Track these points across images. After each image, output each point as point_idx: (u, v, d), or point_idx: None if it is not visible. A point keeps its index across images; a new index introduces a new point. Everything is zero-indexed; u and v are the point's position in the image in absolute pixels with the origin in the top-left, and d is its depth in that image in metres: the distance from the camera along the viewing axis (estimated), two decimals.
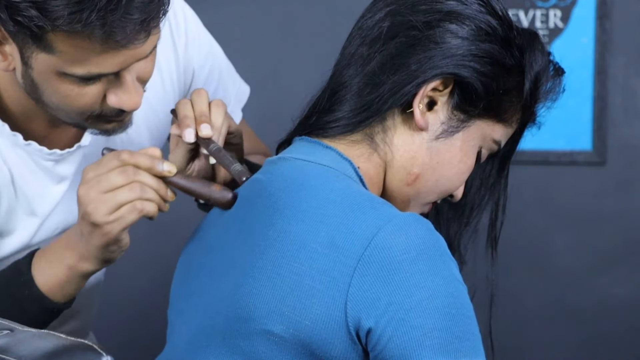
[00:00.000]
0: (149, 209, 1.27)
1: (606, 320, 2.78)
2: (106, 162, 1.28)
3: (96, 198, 1.26)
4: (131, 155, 1.27)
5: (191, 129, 1.33)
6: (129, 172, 1.26)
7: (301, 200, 1.20)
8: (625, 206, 2.77)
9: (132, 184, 1.26)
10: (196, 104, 1.35)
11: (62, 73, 1.25)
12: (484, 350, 1.16)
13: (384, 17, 1.28)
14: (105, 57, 1.24)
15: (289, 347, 1.15)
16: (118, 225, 1.26)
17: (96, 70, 1.25)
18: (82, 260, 1.32)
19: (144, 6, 1.21)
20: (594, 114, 2.75)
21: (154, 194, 1.27)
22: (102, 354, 1.04)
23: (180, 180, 1.29)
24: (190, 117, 1.34)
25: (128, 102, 1.30)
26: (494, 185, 1.39)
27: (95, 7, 1.18)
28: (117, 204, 1.26)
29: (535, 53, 1.30)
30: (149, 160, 1.27)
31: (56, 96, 1.29)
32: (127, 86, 1.29)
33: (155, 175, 1.28)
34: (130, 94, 1.29)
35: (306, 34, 2.79)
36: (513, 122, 1.32)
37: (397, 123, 1.28)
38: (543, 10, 2.78)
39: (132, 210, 1.26)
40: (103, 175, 1.27)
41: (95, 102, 1.29)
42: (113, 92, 1.29)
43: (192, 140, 1.33)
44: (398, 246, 1.14)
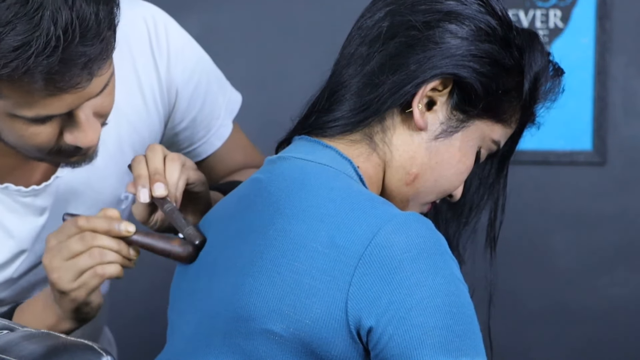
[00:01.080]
0: (110, 271, 1.29)
1: (606, 320, 2.78)
2: (65, 229, 1.30)
3: (59, 266, 1.28)
4: (88, 221, 1.29)
5: (145, 189, 1.33)
6: (87, 238, 1.28)
7: (301, 200, 1.20)
8: (625, 206, 2.77)
9: (92, 250, 1.28)
10: (150, 161, 1.35)
11: (13, 115, 1.23)
12: (484, 349, 1.16)
13: (383, 17, 1.28)
14: (51, 100, 1.21)
15: (290, 346, 1.15)
16: (83, 291, 1.29)
17: (44, 112, 1.22)
18: (60, 322, 1.34)
19: (85, 50, 1.17)
20: (594, 114, 2.75)
21: (115, 256, 1.29)
22: (102, 354, 1.04)
23: (140, 238, 1.31)
24: (144, 176, 1.34)
25: (83, 140, 1.28)
26: (493, 185, 1.40)
27: (33, 54, 1.13)
28: (78, 271, 1.28)
29: (535, 53, 1.30)
30: (106, 223, 1.29)
31: (12, 136, 1.27)
32: (80, 124, 1.27)
33: (114, 236, 1.29)
34: (85, 132, 1.27)
35: (306, 34, 2.79)
36: (512, 122, 1.32)
37: (397, 123, 1.28)
38: (543, 10, 2.78)
39: (94, 276, 1.28)
40: (63, 243, 1.29)
41: (50, 140, 1.28)
42: (68, 131, 1.27)
43: (147, 200, 1.33)
44: (399, 245, 1.14)
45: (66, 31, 1.14)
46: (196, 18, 2.77)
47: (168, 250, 1.31)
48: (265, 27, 2.80)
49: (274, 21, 2.80)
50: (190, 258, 1.30)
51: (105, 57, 1.21)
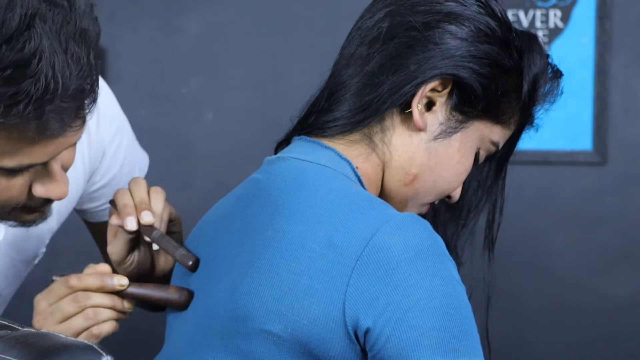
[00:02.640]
0: (107, 330, 1.27)
1: (606, 320, 2.78)
2: (56, 290, 1.26)
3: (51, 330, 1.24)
4: (79, 280, 1.26)
5: (132, 217, 1.31)
6: (80, 299, 1.26)
7: (300, 201, 1.20)
8: (625, 206, 2.77)
9: (86, 311, 1.26)
10: (135, 192, 1.33)
11: None
12: (482, 350, 1.16)
13: (383, 18, 1.28)
14: (37, 147, 1.17)
15: (287, 346, 1.15)
16: None
17: (27, 161, 1.18)
18: None
19: (78, 94, 1.14)
20: (594, 114, 2.75)
21: (110, 313, 1.27)
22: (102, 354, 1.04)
23: (135, 290, 1.29)
24: (130, 206, 1.32)
25: (56, 191, 1.23)
26: (491, 186, 1.40)
27: (31, 99, 1.10)
28: (73, 334, 1.25)
29: (534, 55, 1.30)
30: (99, 280, 1.27)
31: None
32: (54, 175, 1.22)
33: (107, 292, 1.27)
34: (58, 183, 1.23)
35: (306, 34, 2.79)
36: (511, 123, 1.32)
37: (396, 123, 1.28)
38: (543, 10, 2.78)
39: (90, 337, 1.26)
40: (55, 305, 1.26)
41: (21, 194, 1.23)
42: (40, 182, 1.22)
43: (135, 228, 1.31)
44: (396, 246, 1.14)
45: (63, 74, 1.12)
46: (196, 18, 2.77)
47: (165, 299, 1.29)
48: (265, 27, 2.80)
49: (274, 21, 2.81)
50: (187, 304, 1.28)
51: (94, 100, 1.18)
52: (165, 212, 1.35)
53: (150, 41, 2.74)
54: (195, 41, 2.77)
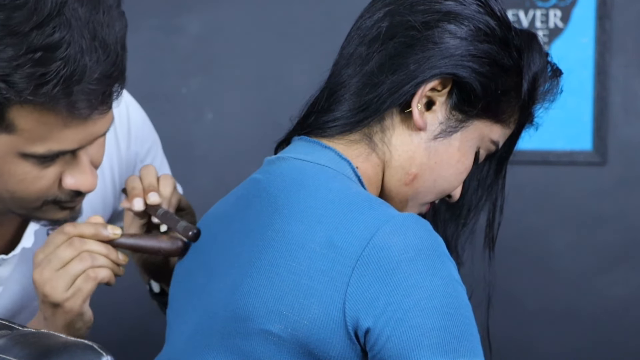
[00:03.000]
0: (103, 275, 1.29)
1: (606, 320, 2.78)
2: (52, 240, 1.30)
3: (51, 277, 1.28)
4: (74, 227, 1.30)
5: (140, 198, 1.35)
6: (75, 244, 1.29)
7: (300, 201, 1.20)
8: (625, 206, 2.77)
9: (82, 254, 1.29)
10: (144, 177, 1.38)
11: (21, 154, 1.24)
12: (482, 350, 1.16)
13: (382, 17, 1.28)
14: (66, 133, 1.23)
15: (288, 346, 1.15)
16: (77, 298, 1.28)
17: (57, 147, 1.24)
18: None
19: (105, 78, 1.21)
20: (594, 114, 2.75)
21: (105, 260, 1.30)
22: (102, 354, 1.04)
23: (127, 240, 1.32)
24: (138, 189, 1.37)
25: (85, 183, 1.29)
26: (491, 185, 1.40)
27: (60, 79, 1.17)
28: (71, 277, 1.28)
29: (533, 54, 1.30)
30: (93, 228, 1.30)
31: (12, 182, 1.27)
32: (83, 166, 1.28)
33: (101, 240, 1.30)
34: (86, 174, 1.29)
35: (306, 34, 2.79)
36: (511, 122, 1.32)
37: (396, 123, 1.28)
38: (543, 10, 2.78)
39: (87, 279, 1.28)
40: (52, 253, 1.29)
41: (51, 185, 1.29)
42: (69, 174, 1.28)
43: (141, 208, 1.35)
44: (396, 246, 1.14)
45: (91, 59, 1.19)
46: (196, 18, 2.77)
47: (157, 248, 1.32)
48: (265, 27, 2.80)
49: (273, 21, 2.80)
50: (181, 252, 1.30)
51: (121, 88, 1.25)
52: (174, 198, 1.38)
53: (150, 41, 2.74)
54: (195, 41, 2.77)
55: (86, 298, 1.29)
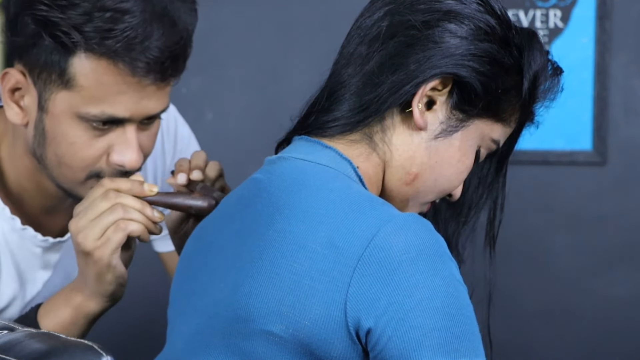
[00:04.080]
0: (133, 227, 1.33)
1: (606, 320, 2.78)
2: (92, 193, 1.35)
3: (85, 226, 1.33)
4: (112, 181, 1.34)
5: (184, 173, 1.40)
6: (110, 196, 1.33)
7: (301, 201, 1.20)
8: (625, 206, 2.77)
9: (114, 206, 1.33)
10: (193, 159, 1.43)
11: (77, 115, 1.33)
12: (484, 350, 1.16)
13: (382, 17, 1.28)
14: (121, 98, 1.32)
15: (289, 347, 1.15)
16: (107, 248, 1.32)
17: (109, 110, 1.32)
18: (86, 300, 1.37)
19: (166, 49, 1.32)
20: (594, 114, 2.75)
21: (138, 215, 1.34)
22: (102, 354, 1.04)
23: (162, 197, 1.37)
24: (185, 166, 1.41)
25: (130, 159, 1.36)
26: (491, 184, 1.39)
27: (125, 37, 1.29)
28: (102, 227, 1.32)
29: (534, 52, 1.30)
30: (129, 183, 1.35)
31: (64, 144, 1.35)
32: (131, 143, 1.36)
33: (137, 196, 1.34)
34: (133, 151, 1.36)
35: (306, 34, 2.79)
36: (511, 121, 1.32)
37: (396, 122, 1.28)
38: (543, 10, 2.78)
39: (117, 230, 1.32)
40: (89, 205, 1.33)
41: (99, 156, 1.36)
42: (117, 149, 1.36)
43: (183, 182, 1.39)
44: (398, 246, 1.14)
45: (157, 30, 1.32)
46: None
47: (189, 205, 1.36)
48: (265, 27, 2.80)
49: (273, 21, 2.80)
50: (211, 209, 1.34)
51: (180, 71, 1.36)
52: (218, 183, 1.43)
53: None
54: (195, 41, 2.76)
55: (115, 249, 1.33)
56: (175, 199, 1.37)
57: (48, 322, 1.38)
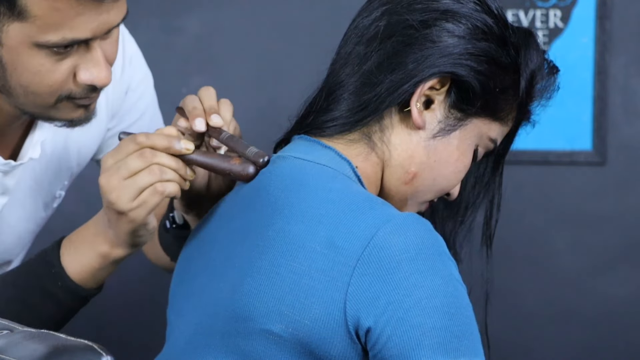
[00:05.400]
0: (170, 189, 1.26)
1: (605, 320, 2.78)
2: (124, 146, 1.26)
3: (117, 185, 1.24)
4: (147, 137, 1.26)
5: (202, 118, 1.31)
6: (146, 155, 1.25)
7: (300, 200, 1.20)
8: (625, 206, 2.77)
9: (151, 167, 1.25)
10: (205, 99, 1.34)
11: (35, 44, 1.25)
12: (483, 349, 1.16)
13: (380, 16, 1.28)
14: (80, 20, 1.24)
15: (288, 346, 1.15)
16: (142, 210, 1.25)
17: (70, 35, 1.25)
18: (114, 247, 1.31)
19: None
20: (594, 114, 2.75)
21: (174, 174, 1.26)
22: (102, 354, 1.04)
23: (199, 157, 1.28)
24: (199, 109, 1.32)
25: (99, 76, 1.29)
26: (488, 183, 1.40)
27: None
28: (138, 189, 1.24)
29: (531, 51, 1.31)
30: (166, 140, 1.26)
31: (26, 75, 1.28)
32: (97, 60, 1.28)
33: (173, 154, 1.26)
34: (101, 67, 1.29)
35: (306, 34, 2.79)
36: (509, 120, 1.33)
37: (395, 122, 1.29)
38: (543, 10, 2.78)
39: (154, 193, 1.25)
40: (122, 161, 1.25)
41: (65, 79, 1.29)
42: (84, 68, 1.29)
43: (203, 129, 1.31)
44: (397, 246, 1.14)
45: None
46: (196, 18, 2.77)
47: (228, 169, 1.28)
48: (265, 27, 2.80)
49: (274, 21, 2.80)
50: (249, 178, 1.27)
51: None
52: (233, 123, 1.35)
53: (150, 41, 2.74)
54: (195, 41, 2.77)
55: (151, 211, 1.26)
56: (213, 160, 1.28)
57: (75, 268, 1.32)
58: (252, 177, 1.27)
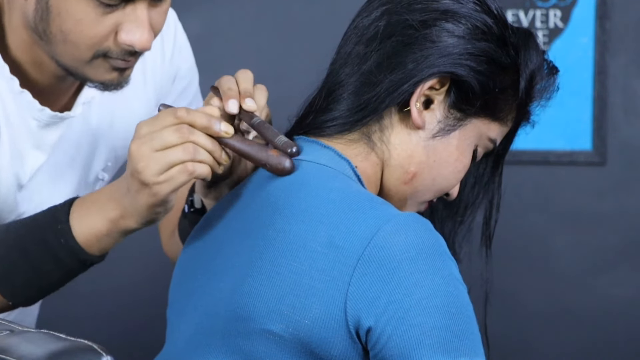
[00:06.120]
0: (200, 171, 1.21)
1: (605, 320, 2.79)
2: (161, 117, 1.22)
3: (147, 155, 1.20)
4: (188, 113, 1.22)
5: (235, 100, 1.27)
6: (183, 131, 1.20)
7: (300, 200, 1.20)
8: (625, 206, 2.77)
9: (186, 144, 1.20)
10: (241, 81, 1.30)
11: None
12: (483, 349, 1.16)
13: (379, 16, 1.28)
14: None
15: (289, 346, 1.15)
16: (167, 186, 1.21)
17: None
18: (126, 217, 1.27)
19: None
20: (594, 114, 2.76)
21: (208, 156, 1.22)
22: (102, 354, 1.04)
23: (237, 142, 1.23)
24: (234, 90, 1.28)
25: (140, 39, 1.27)
26: (488, 183, 1.40)
27: None
28: (168, 163, 1.20)
29: (530, 52, 1.31)
30: (206, 120, 1.22)
31: (69, 22, 1.26)
32: (142, 21, 1.27)
33: (211, 135, 1.22)
34: (144, 30, 1.27)
35: (306, 34, 2.79)
36: (508, 120, 1.33)
37: (394, 122, 1.29)
38: (543, 10, 2.78)
39: (183, 171, 1.20)
40: (157, 132, 1.20)
41: (107, 34, 1.27)
42: (127, 28, 1.27)
43: (235, 111, 1.26)
44: (397, 246, 1.14)
45: None
46: (196, 18, 2.77)
47: (264, 160, 1.23)
48: (265, 27, 2.81)
49: (273, 21, 2.81)
50: (285, 172, 1.22)
51: None
52: (265, 110, 1.31)
53: None
54: (195, 41, 2.76)
55: (176, 189, 1.21)
56: (250, 148, 1.22)
57: (82, 229, 1.28)
58: (289, 171, 1.23)
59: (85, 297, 2.72)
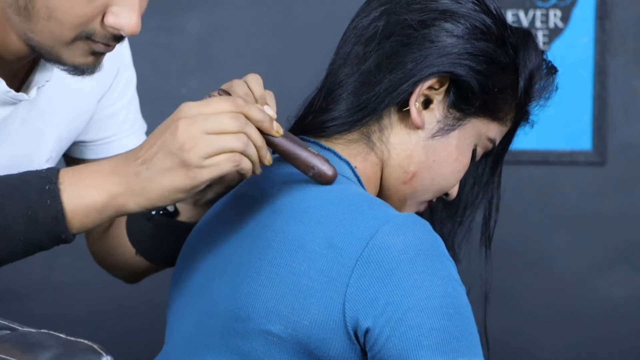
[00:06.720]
0: (244, 164, 1.16)
1: (605, 320, 2.79)
2: (216, 102, 1.17)
3: (198, 136, 1.14)
4: (246, 104, 1.18)
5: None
6: (241, 120, 1.16)
7: (299, 201, 1.20)
8: (625, 206, 2.77)
9: (240, 135, 1.15)
10: (254, 88, 1.26)
11: None
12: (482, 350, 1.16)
13: (378, 17, 1.29)
14: None
15: (287, 347, 1.16)
16: (209, 172, 1.14)
17: None
18: (127, 195, 1.18)
19: None
20: (594, 114, 2.75)
21: (255, 152, 1.17)
22: (102, 354, 1.04)
23: (286, 143, 1.20)
24: (251, 96, 1.24)
25: (130, 22, 1.20)
26: (487, 184, 1.40)
27: None
28: (219, 149, 1.14)
29: (529, 51, 1.31)
30: (262, 115, 1.18)
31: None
32: (132, 4, 1.20)
33: (262, 131, 1.18)
34: (132, 13, 1.20)
35: (306, 34, 2.79)
36: (507, 120, 1.33)
37: (394, 122, 1.29)
38: (543, 10, 2.78)
39: (231, 160, 1.15)
40: (212, 116, 1.15)
41: (94, 15, 1.20)
42: (115, 11, 1.20)
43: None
44: (396, 247, 1.14)
45: None
46: (196, 18, 2.77)
47: (311, 164, 1.19)
48: (265, 27, 2.81)
49: (273, 21, 2.81)
50: (329, 180, 1.19)
51: None
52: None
53: (150, 41, 2.74)
54: (195, 41, 2.77)
55: (216, 177, 1.15)
56: (299, 150, 1.19)
57: (72, 198, 1.18)
58: (333, 180, 1.20)
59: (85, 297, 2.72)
